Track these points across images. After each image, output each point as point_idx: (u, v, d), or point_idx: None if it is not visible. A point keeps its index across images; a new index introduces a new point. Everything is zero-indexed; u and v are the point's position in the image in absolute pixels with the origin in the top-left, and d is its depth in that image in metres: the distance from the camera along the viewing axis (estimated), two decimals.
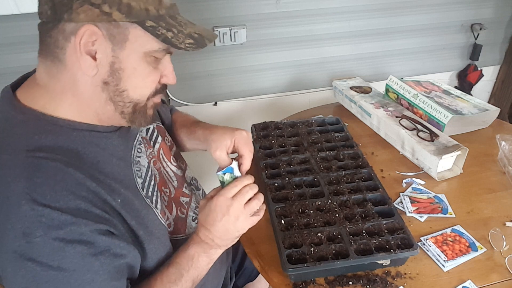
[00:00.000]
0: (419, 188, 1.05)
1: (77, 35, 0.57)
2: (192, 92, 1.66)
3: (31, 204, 0.54)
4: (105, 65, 0.60)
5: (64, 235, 0.55)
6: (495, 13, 1.83)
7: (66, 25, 0.57)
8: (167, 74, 0.67)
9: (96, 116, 0.65)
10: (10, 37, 1.35)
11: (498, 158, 1.15)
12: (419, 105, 1.24)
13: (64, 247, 0.55)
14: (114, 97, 0.63)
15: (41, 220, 0.54)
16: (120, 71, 0.61)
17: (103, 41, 0.58)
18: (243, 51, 1.62)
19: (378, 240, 0.82)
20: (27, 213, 0.54)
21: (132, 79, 0.62)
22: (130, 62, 0.61)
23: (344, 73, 1.78)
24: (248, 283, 1.10)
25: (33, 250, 0.54)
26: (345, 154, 1.11)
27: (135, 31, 0.59)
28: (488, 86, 2.08)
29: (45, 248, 0.54)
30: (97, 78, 0.60)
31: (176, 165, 0.87)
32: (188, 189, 0.87)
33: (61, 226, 0.55)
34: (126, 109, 0.65)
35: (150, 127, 0.85)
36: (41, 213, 0.54)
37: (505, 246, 0.85)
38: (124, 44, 0.59)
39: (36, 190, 0.55)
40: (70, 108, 0.63)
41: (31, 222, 0.54)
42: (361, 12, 1.66)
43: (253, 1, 1.52)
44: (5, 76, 1.41)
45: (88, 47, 0.58)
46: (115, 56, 0.59)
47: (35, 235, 0.54)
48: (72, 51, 0.58)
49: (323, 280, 0.81)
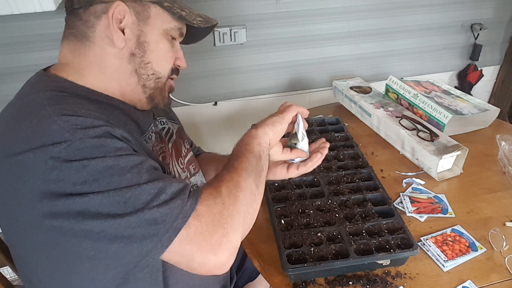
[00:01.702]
0: (419, 188, 1.05)
1: (109, 11, 0.65)
2: (192, 92, 1.66)
3: (64, 118, 0.56)
4: (132, 38, 0.68)
5: (100, 133, 0.57)
6: (495, 13, 1.83)
7: (97, 6, 0.66)
8: (180, 57, 0.77)
9: (120, 88, 0.71)
10: (10, 37, 1.35)
11: (498, 158, 1.15)
12: (419, 105, 1.24)
13: (104, 141, 0.56)
14: (139, 69, 0.70)
15: (76, 127, 0.55)
16: (145, 44, 0.69)
17: (130, 17, 0.67)
18: (243, 51, 1.62)
19: (378, 240, 0.82)
20: (61, 125, 0.55)
21: (155, 52, 0.71)
22: (153, 37, 0.70)
23: (344, 73, 1.78)
24: (249, 283, 1.10)
25: (75, 152, 0.54)
26: (345, 154, 1.11)
27: (155, 10, 0.69)
28: (488, 86, 2.08)
29: (86, 147, 0.55)
30: (125, 50, 0.68)
31: (182, 168, 0.89)
32: None
33: (96, 127, 0.57)
34: (148, 82, 0.72)
35: (166, 126, 0.88)
36: (75, 122, 0.56)
37: (505, 246, 0.85)
38: (148, 20, 0.69)
39: (66, 108, 0.58)
40: (94, 80, 0.68)
41: (67, 130, 0.55)
42: (361, 12, 1.66)
43: (253, 1, 1.52)
44: (5, 76, 1.41)
45: (118, 22, 0.66)
46: (141, 30, 0.69)
47: (74, 139, 0.54)
48: (103, 27, 0.66)
49: (323, 280, 0.81)
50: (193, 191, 0.61)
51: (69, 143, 0.54)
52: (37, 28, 1.35)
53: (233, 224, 0.61)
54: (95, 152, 0.55)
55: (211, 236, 0.58)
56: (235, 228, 0.61)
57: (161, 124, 0.88)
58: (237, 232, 0.61)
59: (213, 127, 1.76)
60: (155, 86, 0.74)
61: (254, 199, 0.68)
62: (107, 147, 0.56)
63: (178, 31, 0.74)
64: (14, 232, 0.62)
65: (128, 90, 0.72)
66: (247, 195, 0.66)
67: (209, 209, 0.59)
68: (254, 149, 0.73)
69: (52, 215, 0.54)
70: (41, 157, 0.54)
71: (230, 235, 0.60)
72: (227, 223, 0.60)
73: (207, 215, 0.58)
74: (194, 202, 0.58)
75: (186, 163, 0.91)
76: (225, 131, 1.79)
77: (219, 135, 1.79)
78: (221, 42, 1.56)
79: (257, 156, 0.73)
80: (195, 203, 0.58)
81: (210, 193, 0.62)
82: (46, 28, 1.35)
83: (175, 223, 0.56)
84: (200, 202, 0.59)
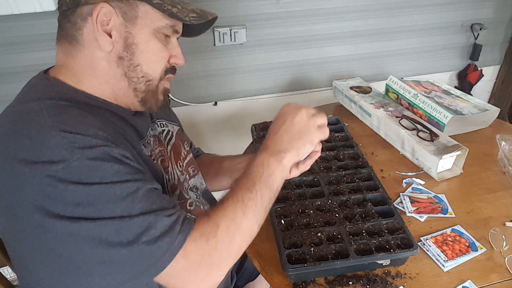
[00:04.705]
0: (419, 188, 1.05)
1: (93, 13, 0.63)
2: (192, 92, 1.66)
3: (62, 134, 0.56)
4: (119, 40, 0.66)
5: (98, 154, 0.56)
6: (495, 13, 1.83)
7: (83, 8, 0.64)
8: (176, 54, 0.73)
9: (113, 92, 0.69)
10: (10, 37, 1.35)
11: (498, 158, 1.15)
12: (419, 105, 1.24)
13: (101, 165, 0.56)
14: (129, 72, 0.68)
15: (74, 146, 0.55)
16: (133, 45, 0.66)
17: (117, 18, 0.65)
18: (243, 51, 1.62)
19: (378, 240, 0.82)
20: (59, 141, 0.55)
21: (144, 54, 0.68)
22: (142, 37, 0.67)
23: (344, 73, 1.78)
24: (249, 283, 1.10)
25: (72, 174, 0.54)
26: (345, 154, 1.11)
27: (144, 8, 0.66)
28: (488, 86, 2.08)
29: (84, 170, 0.55)
30: (112, 54, 0.66)
31: (181, 170, 0.88)
32: (186, 194, 0.88)
33: (94, 147, 0.56)
34: (139, 86, 0.70)
35: (166, 128, 0.88)
36: (73, 140, 0.56)
37: (505, 246, 0.85)
38: (135, 20, 0.66)
39: (65, 123, 0.57)
40: (90, 85, 0.68)
41: (65, 148, 0.55)
42: (361, 12, 1.66)
43: (253, 1, 1.52)
44: (5, 76, 1.41)
45: (104, 25, 0.64)
46: (128, 31, 0.66)
47: (72, 159, 0.54)
48: (89, 30, 0.65)
49: (323, 280, 0.81)
50: (185, 224, 0.59)
51: (66, 163, 0.54)
52: (37, 28, 1.35)
53: (220, 265, 0.61)
54: (91, 175, 0.55)
55: (195, 274, 0.59)
56: (221, 268, 0.61)
57: (160, 126, 0.87)
58: (223, 271, 0.62)
59: (213, 127, 1.76)
60: (146, 89, 0.71)
61: (251, 239, 0.66)
62: (104, 171, 0.56)
63: (170, 29, 0.70)
64: (11, 233, 0.63)
65: (120, 94, 0.70)
66: (246, 238, 0.64)
67: (198, 249, 0.59)
68: (274, 184, 0.69)
69: (43, 228, 0.56)
70: (37, 174, 0.54)
71: (215, 274, 0.60)
72: (215, 264, 0.60)
73: (195, 255, 0.58)
74: (183, 239, 0.58)
75: (185, 165, 0.90)
76: (225, 131, 1.79)
77: (219, 135, 1.79)
78: (221, 42, 1.56)
79: (275, 192, 0.69)
80: (184, 240, 0.58)
81: (203, 232, 0.60)
82: (46, 28, 1.35)
83: (161, 259, 0.57)
84: (189, 240, 0.58)
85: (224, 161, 0.98)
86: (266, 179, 0.68)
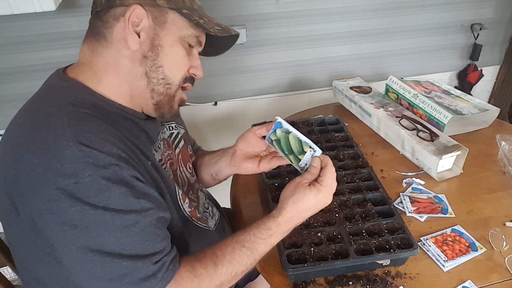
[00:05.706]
0: (419, 188, 1.05)
1: (126, 13, 0.66)
2: (192, 92, 1.65)
3: (79, 146, 0.57)
4: (146, 41, 0.69)
5: (109, 175, 0.58)
6: (495, 13, 1.83)
7: (117, 9, 0.67)
8: (196, 66, 0.77)
9: (130, 91, 0.71)
10: (10, 37, 1.35)
11: (498, 158, 1.15)
12: (419, 105, 1.24)
13: (110, 187, 0.58)
14: (150, 72, 0.70)
15: (88, 161, 0.57)
16: (159, 47, 0.69)
17: (147, 21, 0.68)
18: (243, 51, 1.62)
19: (378, 240, 0.82)
20: (75, 154, 0.56)
21: (168, 57, 0.71)
22: (168, 41, 0.70)
23: (344, 73, 1.78)
24: (249, 283, 1.10)
25: (81, 190, 0.56)
26: (345, 154, 1.11)
27: (173, 16, 0.70)
28: (488, 86, 2.08)
29: (93, 188, 0.56)
30: (137, 52, 0.69)
31: (191, 172, 0.91)
32: (194, 196, 0.90)
33: (107, 166, 0.58)
34: (158, 87, 0.72)
35: (174, 131, 0.89)
36: (88, 154, 0.57)
37: (505, 246, 0.85)
38: (164, 25, 0.69)
39: (83, 135, 0.58)
40: (109, 85, 0.70)
41: (79, 162, 0.56)
42: (361, 12, 1.66)
43: (253, 1, 1.52)
44: (4, 76, 1.41)
45: (135, 25, 0.67)
46: (156, 33, 0.69)
47: (83, 175, 0.56)
48: (120, 29, 0.67)
49: (323, 280, 0.81)
50: (168, 273, 0.62)
51: (78, 179, 0.56)
52: (37, 28, 1.35)
53: None
54: (99, 196, 0.57)
55: None
56: None
57: (169, 129, 0.88)
58: None
59: (213, 127, 1.76)
60: (164, 92, 0.73)
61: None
62: (111, 193, 0.58)
63: (195, 39, 0.73)
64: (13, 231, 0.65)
65: (136, 93, 0.72)
66: None
67: None
68: (272, 241, 0.73)
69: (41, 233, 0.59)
70: (47, 183, 0.56)
71: None
72: None
73: None
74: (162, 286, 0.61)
75: (193, 167, 0.93)
76: (225, 131, 1.79)
77: (219, 135, 1.79)
78: None
79: (270, 246, 0.73)
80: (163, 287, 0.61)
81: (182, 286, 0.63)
82: (46, 28, 1.35)
83: None
84: None
85: (205, 156, 0.98)
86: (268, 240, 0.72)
